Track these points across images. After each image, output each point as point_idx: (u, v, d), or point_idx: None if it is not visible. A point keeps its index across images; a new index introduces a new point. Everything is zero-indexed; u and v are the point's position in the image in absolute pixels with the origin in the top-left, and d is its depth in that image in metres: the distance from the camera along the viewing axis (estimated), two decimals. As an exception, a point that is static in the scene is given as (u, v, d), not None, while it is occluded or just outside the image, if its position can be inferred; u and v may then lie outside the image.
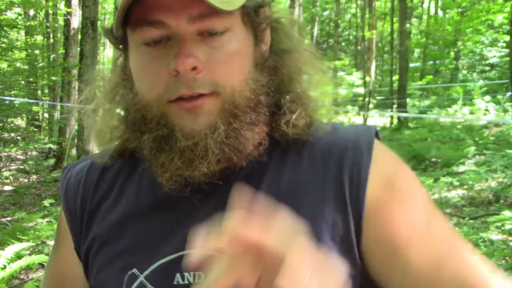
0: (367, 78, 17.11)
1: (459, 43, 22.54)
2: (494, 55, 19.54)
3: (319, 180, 0.67)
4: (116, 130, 0.74)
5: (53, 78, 10.17)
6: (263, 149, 0.68)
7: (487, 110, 13.10)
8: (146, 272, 0.66)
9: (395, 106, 15.19)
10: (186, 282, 0.64)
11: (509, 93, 12.81)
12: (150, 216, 0.70)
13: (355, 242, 0.65)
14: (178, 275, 0.65)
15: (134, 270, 0.67)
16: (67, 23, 9.79)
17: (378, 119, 17.05)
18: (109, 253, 0.71)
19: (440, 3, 27.40)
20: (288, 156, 0.69)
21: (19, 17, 9.86)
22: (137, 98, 0.65)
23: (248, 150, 0.66)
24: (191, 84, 0.60)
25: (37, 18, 12.90)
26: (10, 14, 8.90)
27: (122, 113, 0.72)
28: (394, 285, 0.65)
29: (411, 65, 22.71)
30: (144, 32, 0.61)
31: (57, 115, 11.32)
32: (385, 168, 0.68)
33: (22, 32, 10.29)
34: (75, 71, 9.20)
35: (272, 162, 0.69)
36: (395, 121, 14.66)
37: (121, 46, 0.70)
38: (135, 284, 0.66)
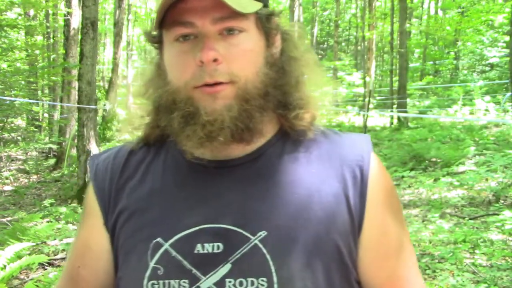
0: (367, 78, 17.11)
1: (459, 43, 22.53)
2: (494, 55, 19.53)
3: (326, 175, 0.80)
4: (143, 119, 0.87)
5: (53, 78, 10.17)
6: (275, 138, 0.83)
7: (487, 110, 13.10)
8: (171, 241, 0.77)
9: (395, 106, 15.20)
10: (205, 251, 0.75)
11: (509, 93, 12.81)
12: (174, 192, 0.81)
13: (357, 235, 0.78)
14: (198, 245, 0.75)
15: (159, 239, 0.77)
16: (67, 23, 9.80)
17: (378, 119, 17.05)
18: (136, 224, 0.81)
19: (440, 3, 27.39)
20: (299, 150, 0.83)
21: (19, 17, 9.85)
22: (169, 85, 0.78)
23: (258, 130, 0.78)
24: (213, 73, 0.73)
25: (37, 18, 12.90)
26: (10, 14, 8.90)
27: (151, 106, 0.84)
28: (374, 284, 0.80)
29: (411, 65, 22.72)
30: (177, 30, 0.75)
31: (57, 115, 11.32)
32: (381, 177, 0.82)
33: (22, 32, 10.28)
34: (75, 71, 9.20)
35: (286, 152, 0.82)
36: (395, 121, 14.66)
37: (157, 44, 0.83)
38: (160, 251, 0.77)
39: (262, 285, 0.72)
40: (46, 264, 4.30)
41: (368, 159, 0.81)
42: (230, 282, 0.73)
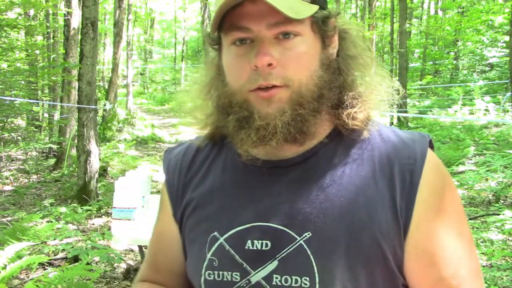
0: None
1: (459, 43, 22.52)
2: (494, 55, 19.52)
3: (375, 178, 0.79)
4: (210, 117, 0.90)
5: (53, 78, 10.16)
6: (328, 139, 0.84)
7: (487, 110, 13.09)
8: (225, 236, 0.82)
9: (395, 106, 15.18)
10: (254, 248, 0.79)
11: (509, 93, 12.81)
12: (231, 190, 0.86)
13: (403, 240, 0.77)
14: (249, 241, 0.80)
15: (216, 233, 0.84)
16: (67, 23, 9.79)
17: (378, 119, 17.03)
18: (198, 217, 0.88)
19: (440, 3, 27.38)
20: (351, 151, 0.83)
21: (20, 17, 9.85)
22: (227, 87, 0.82)
23: (311, 131, 0.80)
24: (267, 77, 0.76)
25: (37, 18, 12.90)
26: (11, 14, 8.89)
27: (216, 100, 0.87)
28: None
29: (411, 65, 22.70)
30: (235, 34, 0.78)
31: (57, 115, 11.32)
32: (435, 180, 0.79)
33: (22, 32, 10.28)
34: (75, 71, 9.19)
35: (338, 153, 0.83)
36: (395, 121, 14.65)
37: (216, 46, 0.87)
38: (216, 244, 0.83)
39: (305, 284, 0.76)
40: (46, 264, 4.30)
41: (422, 163, 0.79)
42: (276, 278, 0.77)
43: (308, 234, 0.77)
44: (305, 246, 0.77)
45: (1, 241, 4.39)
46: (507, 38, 16.70)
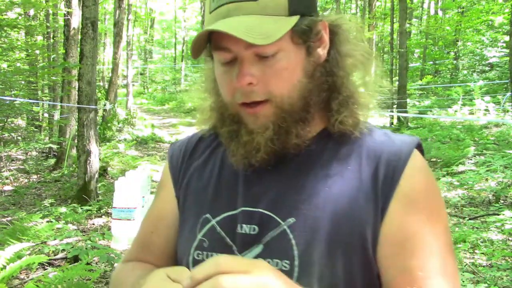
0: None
1: (459, 43, 22.52)
2: (494, 55, 19.52)
3: (361, 171, 0.83)
4: (211, 113, 0.95)
5: (53, 78, 10.16)
6: (320, 135, 0.87)
7: (487, 110, 13.10)
8: (217, 219, 0.87)
9: (395, 106, 15.19)
10: (243, 231, 0.84)
11: (509, 93, 12.80)
12: (228, 178, 0.91)
13: (378, 231, 0.79)
14: (239, 225, 0.85)
15: (208, 215, 0.88)
16: (67, 23, 9.79)
17: (378, 119, 17.04)
18: (193, 199, 0.93)
19: (440, 3, 27.38)
20: (340, 148, 0.86)
21: (20, 17, 9.84)
22: (221, 96, 0.87)
23: (296, 141, 0.84)
24: (249, 95, 0.80)
25: (37, 18, 12.89)
26: (11, 14, 8.89)
27: (213, 105, 0.93)
28: (386, 278, 0.80)
29: (411, 65, 22.70)
30: (219, 54, 0.82)
31: (57, 115, 11.32)
32: (416, 179, 0.82)
33: (23, 32, 10.27)
34: (75, 71, 9.19)
35: (328, 150, 0.86)
36: (395, 121, 14.66)
37: (210, 57, 0.90)
38: (208, 225, 0.88)
39: (285, 267, 0.79)
40: (46, 264, 4.30)
41: (405, 160, 0.82)
42: None
43: (292, 220, 0.81)
44: (288, 231, 0.81)
45: (1, 241, 4.39)
46: (507, 38, 16.70)
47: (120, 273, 0.97)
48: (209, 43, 0.83)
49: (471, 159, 8.30)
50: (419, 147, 0.87)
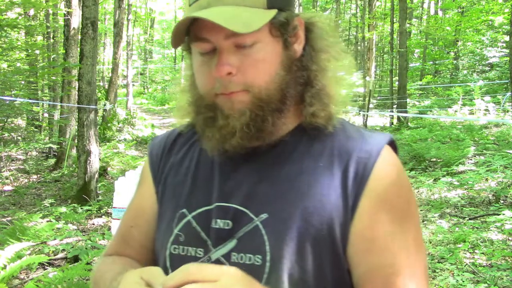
0: (367, 78, 17.09)
1: (459, 43, 22.52)
2: (494, 55, 19.52)
3: (332, 168, 0.84)
4: (189, 108, 0.96)
5: (53, 78, 10.16)
6: (293, 133, 0.89)
7: (487, 110, 13.10)
8: (193, 214, 0.89)
9: (395, 106, 15.19)
10: (217, 226, 0.86)
11: (509, 93, 12.80)
12: (204, 173, 0.93)
13: (348, 227, 0.81)
14: (213, 220, 0.86)
15: (184, 210, 0.90)
16: (67, 23, 9.79)
17: (378, 119, 17.04)
18: (171, 194, 0.95)
19: (440, 3, 27.38)
20: (314, 144, 0.88)
21: (20, 17, 9.84)
22: (197, 89, 0.89)
23: (270, 129, 0.84)
24: (228, 85, 0.82)
25: (37, 18, 12.89)
26: (11, 14, 8.89)
27: (191, 98, 0.94)
28: (354, 274, 0.82)
29: (411, 65, 22.71)
30: (198, 45, 0.84)
31: (57, 115, 11.32)
32: (386, 176, 0.83)
33: (23, 32, 10.27)
34: (75, 71, 9.19)
35: (301, 146, 0.88)
36: (395, 121, 14.66)
37: (188, 50, 0.92)
38: (184, 220, 0.89)
39: (257, 262, 0.81)
40: (46, 264, 4.30)
41: (376, 157, 0.83)
42: (234, 255, 0.83)
43: (265, 215, 0.83)
44: (260, 226, 0.82)
45: (1, 241, 4.39)
46: (507, 38, 16.70)
47: (100, 267, 0.99)
48: (187, 36, 0.84)
49: (471, 159, 8.30)
50: (392, 144, 0.88)
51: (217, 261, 0.84)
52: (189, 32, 0.83)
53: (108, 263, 0.98)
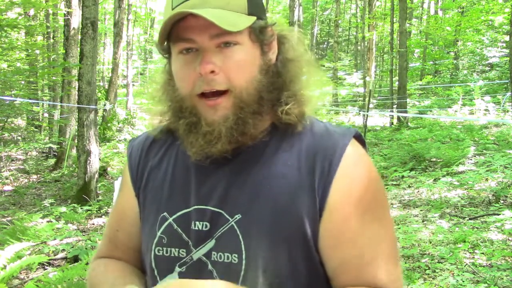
0: (367, 78, 17.10)
1: (459, 43, 22.52)
2: (494, 55, 19.52)
3: (300, 167, 0.88)
4: (164, 114, 0.99)
5: (54, 78, 10.16)
6: (265, 134, 0.92)
7: (487, 110, 13.10)
8: (174, 216, 0.93)
9: (395, 106, 15.19)
10: (196, 228, 0.90)
11: (509, 93, 12.80)
12: (181, 176, 0.96)
13: (318, 223, 0.85)
14: (193, 222, 0.90)
15: (165, 213, 0.94)
16: (67, 23, 9.79)
17: (378, 119, 17.04)
18: (151, 198, 0.98)
19: (440, 3, 27.38)
20: (282, 144, 0.91)
21: (20, 17, 9.83)
22: (177, 92, 0.91)
23: (251, 132, 0.88)
24: (210, 82, 0.85)
25: (37, 18, 12.89)
26: (11, 14, 8.89)
27: (166, 107, 0.97)
28: (328, 267, 0.87)
29: (411, 65, 22.70)
30: (180, 45, 0.87)
31: (57, 115, 11.32)
32: (352, 170, 0.86)
33: (23, 32, 10.27)
34: (75, 71, 9.19)
35: (271, 146, 0.92)
36: (395, 121, 14.66)
37: (166, 55, 0.95)
38: (165, 223, 0.93)
39: (235, 260, 0.86)
40: (46, 264, 4.30)
41: (341, 153, 0.87)
42: (214, 254, 0.88)
43: (239, 216, 0.87)
44: (235, 226, 0.87)
45: (1, 241, 4.39)
46: (507, 38, 16.70)
47: (94, 273, 1.04)
48: (167, 39, 0.88)
49: (471, 159, 8.30)
50: (359, 138, 0.92)
51: (199, 260, 0.89)
52: (170, 35, 0.87)
53: (101, 272, 1.03)
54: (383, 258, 0.85)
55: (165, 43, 0.91)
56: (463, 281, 3.74)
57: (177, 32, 0.86)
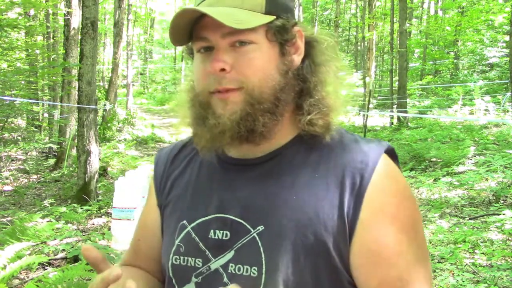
0: (367, 78, 17.09)
1: (459, 43, 22.51)
2: (494, 55, 19.52)
3: (328, 179, 0.84)
4: (185, 115, 0.97)
5: (54, 78, 10.15)
6: (291, 143, 0.90)
7: (487, 110, 13.09)
8: (193, 225, 0.91)
9: (395, 106, 15.19)
10: (216, 237, 0.88)
11: (509, 93, 12.80)
12: (204, 184, 0.95)
13: (347, 240, 0.81)
14: (212, 231, 0.88)
15: (184, 222, 0.93)
16: (67, 23, 9.79)
17: (378, 119, 17.04)
18: (173, 207, 0.98)
19: (440, 3, 27.38)
20: (310, 155, 0.88)
21: (20, 18, 9.84)
22: (194, 90, 0.91)
23: (262, 131, 0.85)
24: (221, 81, 0.84)
25: (38, 18, 12.89)
26: (11, 14, 8.89)
27: (189, 103, 0.95)
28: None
29: (411, 65, 22.70)
30: (197, 43, 0.87)
31: (57, 115, 11.32)
32: (385, 185, 0.82)
33: (23, 32, 10.27)
34: (75, 71, 9.19)
35: (299, 156, 0.89)
36: (395, 121, 14.66)
37: (192, 55, 0.95)
38: (184, 231, 0.92)
39: (254, 273, 0.83)
40: (46, 264, 4.30)
41: (373, 167, 0.82)
42: (231, 266, 0.85)
43: (261, 227, 0.84)
44: (257, 238, 0.84)
45: (1, 241, 4.39)
46: (507, 38, 16.70)
47: None
48: (191, 38, 0.88)
49: (471, 159, 8.29)
50: (391, 152, 0.88)
51: (216, 272, 0.86)
52: (192, 34, 0.87)
53: None
54: (421, 281, 0.81)
55: (189, 43, 0.91)
56: (463, 281, 3.74)
57: (195, 31, 0.86)
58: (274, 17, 0.86)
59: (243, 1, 0.84)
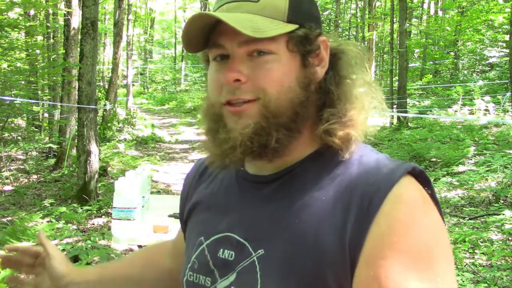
0: (367, 78, 17.06)
1: (459, 43, 22.51)
2: (494, 55, 19.52)
3: (334, 203, 0.76)
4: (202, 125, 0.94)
5: (54, 78, 10.15)
6: (307, 159, 0.83)
7: (487, 110, 13.09)
8: (207, 242, 0.88)
9: (395, 106, 15.18)
10: (223, 256, 0.84)
11: (509, 93, 12.80)
12: (222, 200, 0.92)
13: (348, 270, 0.71)
14: (221, 249, 0.85)
15: (202, 238, 0.90)
16: (67, 23, 9.78)
17: (378, 119, 17.03)
18: (195, 221, 0.97)
19: (440, 3, 27.38)
20: (323, 174, 0.80)
21: (20, 18, 9.84)
22: (208, 99, 0.86)
23: (275, 147, 0.79)
24: (235, 91, 0.79)
25: (38, 19, 12.89)
26: (11, 14, 8.89)
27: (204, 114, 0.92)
28: None
29: (411, 65, 22.69)
30: (213, 51, 0.82)
31: (57, 115, 11.32)
32: (398, 213, 0.70)
33: (23, 32, 10.27)
34: (75, 71, 9.19)
35: (309, 174, 0.82)
36: (395, 121, 14.65)
37: (207, 62, 0.90)
38: (200, 248, 0.89)
39: None
40: (46, 264, 4.29)
41: (386, 191, 0.71)
42: None
43: (261, 251, 0.79)
44: (256, 262, 0.79)
45: (1, 241, 4.39)
46: (507, 38, 16.70)
47: (138, 251, 1.18)
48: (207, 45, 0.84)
49: (471, 159, 8.29)
50: (419, 175, 0.76)
51: None
52: (209, 41, 0.82)
53: (134, 254, 1.21)
54: None
55: (206, 50, 0.85)
56: (463, 281, 3.74)
57: (212, 37, 0.81)
58: (297, 26, 0.80)
59: (264, 8, 0.78)
